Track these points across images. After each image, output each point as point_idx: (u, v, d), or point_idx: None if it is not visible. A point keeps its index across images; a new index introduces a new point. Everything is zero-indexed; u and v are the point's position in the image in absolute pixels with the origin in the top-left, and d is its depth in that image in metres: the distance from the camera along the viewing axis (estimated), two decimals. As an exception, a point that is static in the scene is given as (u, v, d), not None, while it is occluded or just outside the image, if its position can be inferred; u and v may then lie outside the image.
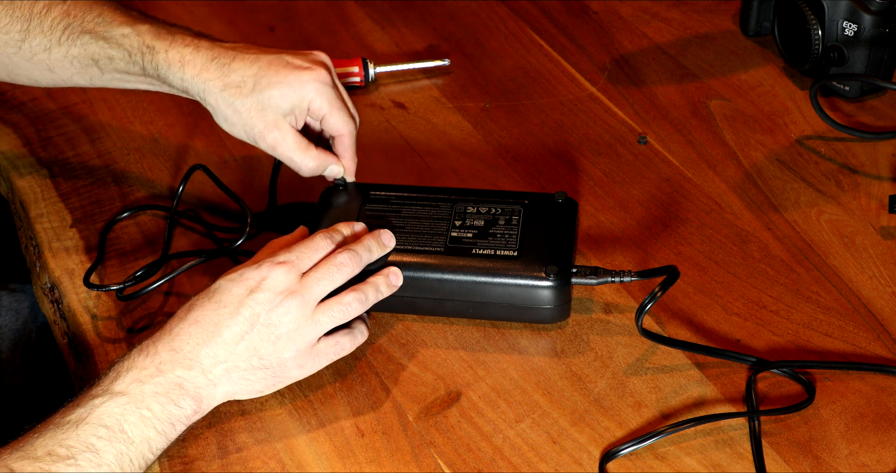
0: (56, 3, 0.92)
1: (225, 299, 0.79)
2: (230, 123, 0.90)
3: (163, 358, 0.77)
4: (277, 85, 0.88)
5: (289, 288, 0.80)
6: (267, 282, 0.80)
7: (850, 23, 1.03)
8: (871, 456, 0.80)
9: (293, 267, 0.81)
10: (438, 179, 1.03)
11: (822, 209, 0.99)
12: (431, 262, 0.87)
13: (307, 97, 0.89)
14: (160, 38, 0.89)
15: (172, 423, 0.77)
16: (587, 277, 0.87)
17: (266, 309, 0.79)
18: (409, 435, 0.82)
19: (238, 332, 0.79)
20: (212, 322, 0.79)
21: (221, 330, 0.79)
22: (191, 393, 0.77)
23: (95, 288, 0.93)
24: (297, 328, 0.80)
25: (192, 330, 0.78)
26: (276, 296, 0.80)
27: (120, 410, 0.74)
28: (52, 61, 0.93)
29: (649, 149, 1.06)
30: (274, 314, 0.79)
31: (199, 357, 0.78)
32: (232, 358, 0.79)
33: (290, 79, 0.88)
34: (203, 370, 0.78)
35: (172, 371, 0.77)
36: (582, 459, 0.80)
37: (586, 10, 1.23)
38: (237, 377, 0.79)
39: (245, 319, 0.79)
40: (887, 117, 1.08)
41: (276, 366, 0.80)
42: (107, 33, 0.90)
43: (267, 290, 0.80)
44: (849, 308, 0.90)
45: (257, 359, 0.79)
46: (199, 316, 0.79)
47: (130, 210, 1.00)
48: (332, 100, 0.90)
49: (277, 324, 0.80)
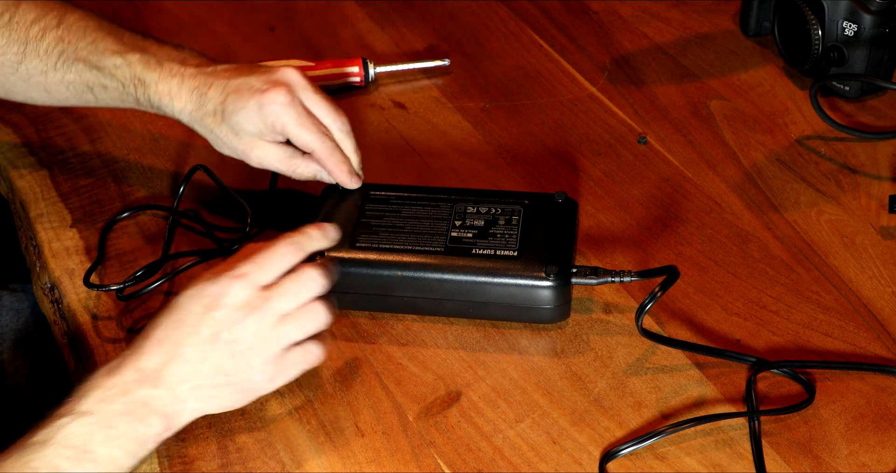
0: (50, 28, 0.93)
1: (185, 318, 0.77)
2: (218, 146, 0.94)
3: (128, 378, 0.75)
4: (240, 111, 0.90)
5: (248, 302, 0.77)
6: (224, 299, 0.77)
7: (850, 23, 1.03)
8: (871, 456, 0.80)
9: (251, 280, 0.78)
10: (438, 179, 1.03)
11: (822, 209, 0.99)
12: (431, 262, 0.87)
13: (268, 119, 0.89)
14: (150, 69, 0.92)
15: (141, 442, 0.75)
16: (587, 277, 0.87)
17: (226, 326, 0.77)
18: (409, 435, 0.82)
19: (200, 351, 0.76)
20: (174, 341, 0.77)
21: (184, 349, 0.76)
22: (158, 412, 0.75)
23: (95, 288, 0.93)
24: (261, 342, 0.78)
25: (156, 349, 0.76)
26: (235, 313, 0.77)
27: (86, 430, 0.72)
28: (48, 84, 0.95)
29: (649, 149, 1.06)
30: (235, 331, 0.77)
31: (164, 375, 0.76)
32: (197, 376, 0.76)
33: (250, 105, 0.89)
34: (169, 387, 0.76)
35: (138, 390, 0.75)
36: (582, 459, 0.80)
37: (586, 10, 1.23)
38: (205, 394, 0.77)
39: (206, 338, 0.77)
40: (887, 117, 1.08)
41: (244, 381, 0.78)
42: (99, 63, 0.93)
43: (225, 307, 0.77)
44: (849, 308, 0.90)
45: (223, 377, 0.77)
46: (162, 335, 0.77)
47: (131, 210, 1.00)
48: (293, 120, 0.89)
49: (239, 340, 0.77)
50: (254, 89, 0.90)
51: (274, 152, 0.92)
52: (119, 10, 1.25)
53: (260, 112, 0.89)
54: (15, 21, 0.93)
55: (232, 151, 0.93)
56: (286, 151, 0.92)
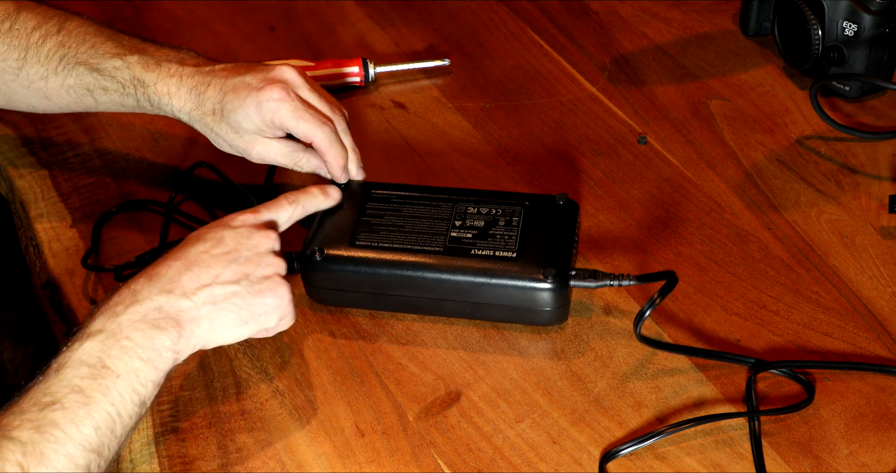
0: (51, 34, 0.94)
1: (205, 236, 0.80)
2: (219, 144, 0.95)
3: (138, 288, 0.75)
4: (238, 109, 0.91)
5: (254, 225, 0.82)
6: (238, 221, 0.82)
7: (850, 23, 1.03)
8: (871, 456, 0.80)
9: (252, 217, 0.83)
10: (438, 179, 1.03)
11: (822, 209, 0.99)
12: (430, 262, 0.87)
13: (266, 116, 0.90)
14: (149, 70, 0.93)
15: (157, 349, 0.74)
16: (586, 280, 0.87)
17: (247, 238, 0.80)
18: (409, 435, 0.82)
19: (224, 259, 0.78)
20: (194, 256, 0.78)
21: (205, 258, 0.78)
22: (171, 317, 0.75)
23: (94, 269, 0.94)
24: (277, 256, 0.81)
25: (171, 262, 0.78)
26: (251, 229, 0.81)
27: (99, 347, 0.72)
28: (48, 89, 0.96)
29: (649, 149, 1.06)
30: (254, 242, 0.80)
31: (180, 281, 0.76)
32: (218, 281, 0.78)
33: (247, 102, 0.90)
34: (184, 292, 0.76)
35: (149, 296, 0.75)
36: (582, 459, 0.80)
37: (586, 10, 1.23)
38: (222, 302, 0.78)
39: (228, 246, 0.79)
40: (887, 117, 1.08)
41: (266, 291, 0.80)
42: (99, 65, 0.94)
43: (242, 225, 0.81)
44: (849, 308, 0.90)
45: (246, 282, 0.79)
46: (179, 252, 0.79)
47: (128, 204, 1.01)
48: (290, 112, 0.90)
49: (262, 251, 0.80)
50: (251, 87, 0.90)
51: (276, 147, 0.93)
52: (119, 10, 1.25)
53: (258, 109, 0.90)
54: (16, 28, 0.94)
55: (233, 149, 0.94)
56: (288, 146, 0.93)
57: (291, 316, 0.82)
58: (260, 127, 0.91)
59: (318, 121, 0.91)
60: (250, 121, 0.91)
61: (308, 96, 0.92)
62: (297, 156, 0.93)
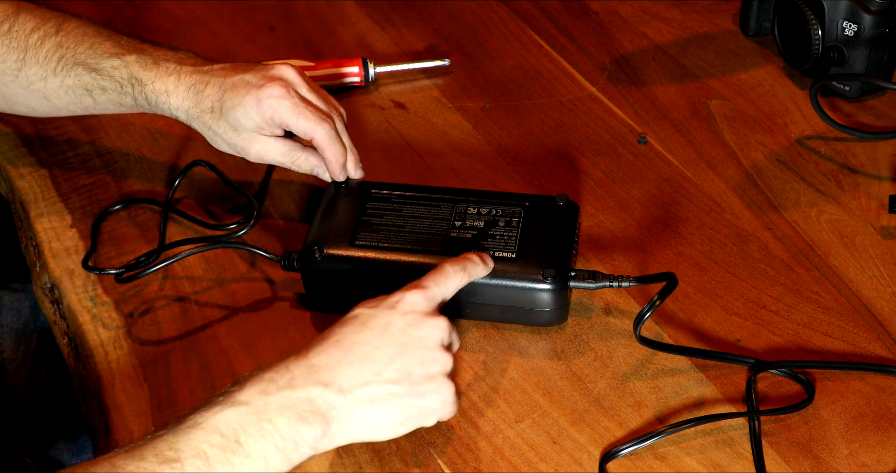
0: (50, 35, 0.94)
1: (369, 322, 0.73)
2: (217, 144, 0.94)
3: (296, 374, 0.70)
4: (238, 107, 0.90)
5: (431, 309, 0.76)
6: (407, 305, 0.75)
7: (850, 23, 1.03)
8: (871, 456, 0.80)
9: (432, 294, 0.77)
10: (438, 179, 1.03)
11: (822, 209, 0.99)
12: (430, 262, 0.87)
13: (266, 113, 0.90)
14: (146, 68, 0.93)
15: (296, 442, 0.69)
16: (585, 281, 0.87)
17: (415, 328, 0.74)
18: (409, 435, 0.82)
19: (388, 354, 0.72)
20: (356, 342, 0.72)
21: (368, 350, 0.72)
22: (322, 412, 0.70)
23: (95, 272, 0.94)
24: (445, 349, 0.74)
25: (332, 351, 0.72)
26: (422, 317, 0.74)
27: (239, 419, 0.68)
28: (47, 90, 0.96)
29: (649, 149, 1.06)
30: (423, 332, 0.74)
31: (339, 376, 0.71)
32: (379, 379, 0.71)
33: (247, 100, 0.90)
34: (342, 389, 0.71)
35: (305, 386, 0.70)
36: (582, 459, 0.80)
37: (586, 10, 1.23)
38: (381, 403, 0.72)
39: (394, 339, 0.73)
40: (887, 117, 1.08)
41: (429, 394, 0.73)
42: (97, 65, 0.94)
43: (411, 312, 0.74)
44: (849, 308, 0.90)
45: (408, 384, 0.72)
46: (341, 338, 0.72)
47: (126, 201, 1.01)
48: (290, 109, 0.89)
49: (429, 345, 0.73)
50: (251, 85, 0.90)
51: (274, 146, 0.93)
52: (119, 10, 1.25)
53: (258, 107, 0.90)
54: (14, 30, 0.95)
55: (230, 148, 0.94)
56: (286, 144, 0.93)
57: (452, 412, 0.76)
58: (259, 124, 0.91)
59: (318, 119, 0.90)
60: (249, 119, 0.91)
61: (307, 95, 0.92)
62: (295, 155, 0.93)
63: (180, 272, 0.95)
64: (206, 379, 0.87)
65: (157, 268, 0.93)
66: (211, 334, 0.91)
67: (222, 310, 0.93)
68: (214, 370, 0.88)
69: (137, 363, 0.89)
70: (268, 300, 0.93)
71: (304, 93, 0.92)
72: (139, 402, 0.86)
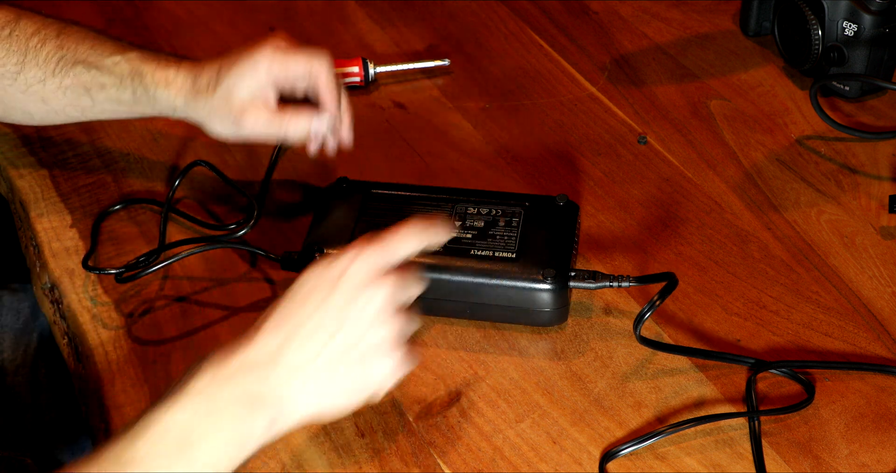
0: (50, 38, 0.95)
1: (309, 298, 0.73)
2: (211, 125, 0.94)
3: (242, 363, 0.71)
4: (233, 72, 0.92)
5: (375, 276, 0.74)
6: (348, 277, 0.73)
7: (850, 23, 1.03)
8: (871, 456, 0.80)
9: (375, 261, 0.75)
10: (438, 179, 1.03)
11: (822, 209, 0.99)
12: (429, 262, 0.87)
13: (262, 68, 0.91)
14: (147, 62, 0.94)
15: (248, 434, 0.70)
16: (585, 281, 0.87)
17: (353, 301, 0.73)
18: (409, 435, 0.82)
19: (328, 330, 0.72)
20: (298, 322, 0.73)
21: (309, 329, 0.72)
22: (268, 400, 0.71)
23: (95, 272, 0.94)
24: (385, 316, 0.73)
25: (275, 333, 0.72)
26: (361, 288, 0.73)
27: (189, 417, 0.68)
28: (46, 92, 0.96)
29: (649, 149, 1.06)
30: (361, 302, 0.73)
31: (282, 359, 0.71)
32: (317, 360, 0.72)
33: (240, 62, 0.92)
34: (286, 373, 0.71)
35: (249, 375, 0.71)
36: (582, 459, 0.80)
37: (586, 10, 1.23)
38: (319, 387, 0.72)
39: (333, 317, 0.73)
40: (887, 117, 1.08)
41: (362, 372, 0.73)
42: (98, 62, 0.94)
43: (351, 283, 0.73)
44: (849, 308, 0.90)
45: (356, 352, 0.72)
46: (283, 318, 0.73)
47: (126, 201, 1.01)
48: (286, 52, 0.92)
49: (365, 310, 0.73)
50: (242, 51, 0.93)
51: (266, 116, 0.93)
52: (119, 10, 1.25)
53: (253, 66, 0.91)
54: (15, 34, 0.95)
55: (224, 124, 0.94)
56: (277, 115, 0.93)
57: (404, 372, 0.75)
58: (253, 88, 0.92)
59: (313, 52, 0.93)
60: (244, 82, 0.91)
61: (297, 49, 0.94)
62: (285, 122, 0.93)
63: (180, 272, 0.95)
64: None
65: (157, 268, 0.93)
66: (211, 334, 0.91)
67: (222, 310, 0.93)
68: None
69: (137, 363, 0.89)
70: (268, 300, 0.93)
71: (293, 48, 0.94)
72: (139, 402, 0.86)
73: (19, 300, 1.09)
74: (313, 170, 1.04)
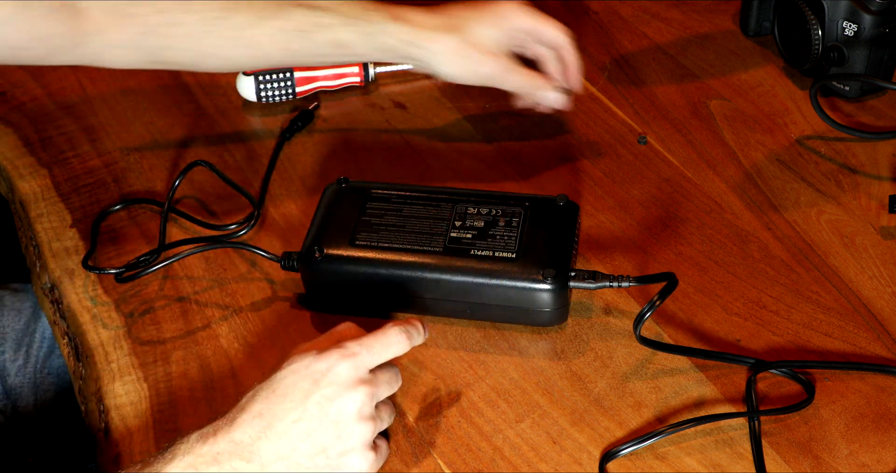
0: None
1: (290, 392, 0.74)
2: (445, 66, 0.97)
3: (221, 448, 0.73)
4: (478, 14, 0.96)
5: (357, 380, 0.75)
6: (332, 376, 0.75)
7: (850, 23, 1.03)
8: (871, 456, 0.80)
9: (359, 361, 0.76)
10: (438, 179, 1.03)
11: (822, 209, 0.99)
12: (429, 262, 0.87)
13: (507, 23, 0.96)
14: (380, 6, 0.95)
15: None
16: (585, 281, 0.87)
17: (333, 403, 0.75)
18: (409, 435, 0.82)
19: (304, 429, 0.74)
20: (274, 415, 0.74)
21: (285, 425, 0.74)
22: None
23: (95, 271, 0.94)
24: (364, 420, 0.75)
25: (254, 423, 0.74)
26: (343, 391, 0.75)
27: None
28: (256, 37, 0.93)
29: (649, 149, 1.06)
30: (339, 404, 0.75)
31: (259, 450, 0.73)
32: (295, 454, 0.74)
33: (488, 9, 0.96)
34: (262, 464, 0.73)
35: (230, 461, 0.72)
36: (582, 459, 0.80)
37: (586, 10, 1.23)
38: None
39: (312, 415, 0.74)
40: (887, 117, 1.08)
41: (343, 467, 0.75)
42: (321, 3, 0.94)
43: (333, 385, 0.75)
44: (849, 308, 0.90)
45: (323, 458, 0.75)
46: (263, 409, 0.74)
47: (126, 202, 1.01)
48: (534, 15, 0.97)
49: (346, 419, 0.75)
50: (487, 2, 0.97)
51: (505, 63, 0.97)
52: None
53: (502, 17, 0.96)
54: None
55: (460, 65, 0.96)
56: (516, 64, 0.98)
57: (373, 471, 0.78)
58: (498, 37, 0.96)
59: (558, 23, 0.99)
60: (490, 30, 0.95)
61: None
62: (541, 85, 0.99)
63: (180, 272, 0.95)
64: (206, 379, 0.87)
65: (158, 268, 0.93)
66: (211, 334, 0.91)
67: (222, 310, 0.93)
68: (214, 370, 0.88)
69: (137, 363, 0.89)
70: (268, 300, 0.93)
71: None
72: (139, 402, 0.86)
73: (21, 300, 1.09)
74: (313, 170, 1.04)
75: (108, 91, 1.14)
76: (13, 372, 1.05)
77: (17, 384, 1.05)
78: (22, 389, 1.05)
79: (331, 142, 1.08)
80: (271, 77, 1.09)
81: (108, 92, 1.14)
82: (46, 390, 1.06)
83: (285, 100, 1.11)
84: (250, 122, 1.10)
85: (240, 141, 1.08)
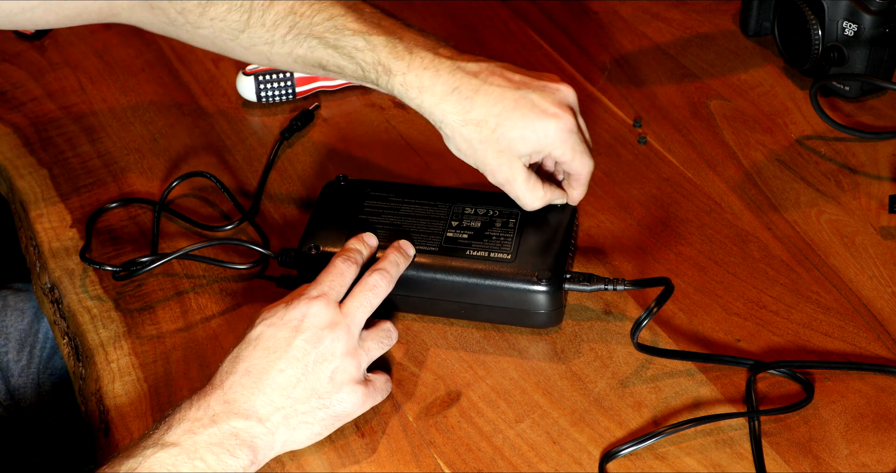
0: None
1: (271, 344, 0.77)
2: (462, 153, 0.88)
3: (216, 410, 0.74)
4: (520, 130, 0.84)
5: (331, 320, 0.78)
6: (308, 320, 0.78)
7: (850, 23, 1.03)
8: (871, 456, 0.80)
9: (328, 298, 0.79)
10: (438, 179, 1.03)
11: (822, 209, 0.99)
12: (425, 261, 0.87)
13: (549, 146, 0.85)
14: (397, 56, 0.85)
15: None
16: (580, 284, 0.87)
17: (315, 345, 0.77)
18: (409, 435, 0.82)
19: (293, 375, 0.76)
20: (263, 369, 0.76)
21: (275, 376, 0.76)
22: (247, 443, 0.74)
23: (94, 265, 0.94)
24: (349, 357, 0.78)
25: (244, 381, 0.76)
26: (322, 331, 0.78)
27: (171, 460, 0.72)
28: (272, 55, 0.90)
29: (649, 149, 1.06)
30: (323, 348, 0.78)
31: (254, 406, 0.75)
32: (290, 402, 0.76)
33: (535, 127, 0.84)
34: (260, 418, 0.75)
35: (227, 421, 0.74)
36: (582, 459, 0.80)
37: (586, 10, 1.23)
38: (296, 422, 0.77)
39: (297, 360, 0.77)
40: (887, 117, 1.08)
41: (335, 404, 0.78)
42: (338, 42, 0.86)
43: (311, 328, 0.78)
44: (849, 308, 0.90)
45: (316, 399, 0.77)
46: (249, 365, 0.76)
47: (122, 200, 1.01)
48: (575, 146, 0.85)
49: (330, 358, 0.78)
50: (539, 109, 0.84)
51: (522, 177, 0.86)
52: (119, 11, 1.24)
53: (544, 136, 0.84)
54: None
55: (476, 161, 0.87)
56: (531, 178, 0.87)
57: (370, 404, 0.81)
58: (532, 151, 0.85)
59: (591, 155, 0.87)
60: (526, 145, 0.84)
61: (581, 122, 0.87)
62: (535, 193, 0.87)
63: (179, 270, 0.95)
64: (206, 379, 0.87)
65: (156, 266, 0.93)
66: (211, 334, 0.91)
67: (222, 310, 0.92)
68: (214, 369, 0.88)
69: (137, 363, 0.89)
70: (267, 299, 0.93)
71: (580, 120, 0.87)
72: (139, 402, 0.86)
73: (23, 300, 1.09)
74: (313, 170, 1.04)
75: (108, 91, 1.14)
76: (17, 373, 1.05)
77: (21, 384, 1.05)
78: (25, 389, 1.05)
79: (331, 142, 1.08)
80: (271, 77, 1.09)
81: (108, 92, 1.14)
82: (49, 390, 1.06)
83: (285, 100, 1.11)
84: (250, 122, 1.10)
85: (239, 141, 1.08)
